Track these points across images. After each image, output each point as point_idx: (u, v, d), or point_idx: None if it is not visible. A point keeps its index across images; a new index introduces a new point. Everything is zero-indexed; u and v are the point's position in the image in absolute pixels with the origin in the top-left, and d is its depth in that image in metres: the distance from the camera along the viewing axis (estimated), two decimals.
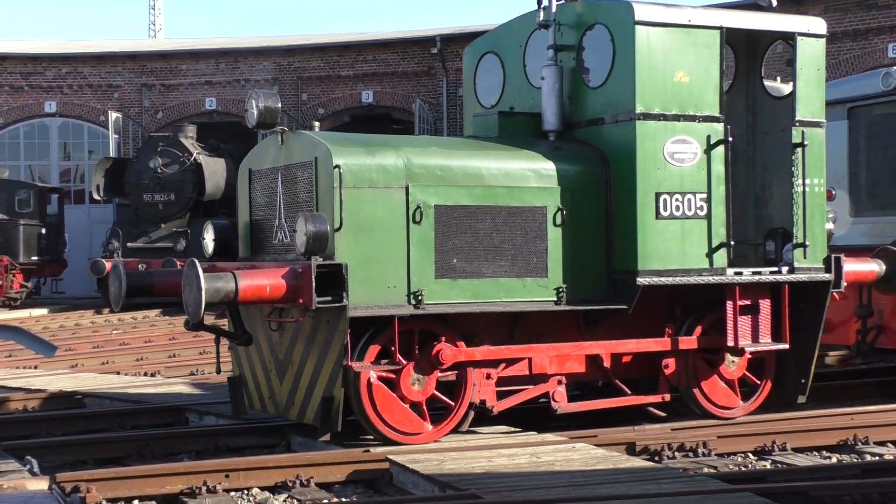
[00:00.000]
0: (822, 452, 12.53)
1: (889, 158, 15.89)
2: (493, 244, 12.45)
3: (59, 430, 13.98)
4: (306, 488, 10.77)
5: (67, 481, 10.03)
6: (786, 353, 13.90)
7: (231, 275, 11.45)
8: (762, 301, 13.54)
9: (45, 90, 50.19)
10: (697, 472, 11.19)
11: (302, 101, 50.74)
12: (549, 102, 13.48)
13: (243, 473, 10.81)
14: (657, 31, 12.87)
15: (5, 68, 50.07)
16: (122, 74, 50.59)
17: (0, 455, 11.45)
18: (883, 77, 15.85)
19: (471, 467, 10.60)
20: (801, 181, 13.54)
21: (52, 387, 16.76)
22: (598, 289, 13.00)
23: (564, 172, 12.84)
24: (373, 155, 12.10)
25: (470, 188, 12.40)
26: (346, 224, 11.77)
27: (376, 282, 11.92)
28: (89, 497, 9.71)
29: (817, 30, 13.75)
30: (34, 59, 50.55)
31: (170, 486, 10.51)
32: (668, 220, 12.89)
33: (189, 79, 50.67)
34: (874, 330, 15.61)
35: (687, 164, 12.99)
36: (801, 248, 13.56)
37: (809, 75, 13.67)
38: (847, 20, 38.06)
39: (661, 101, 12.87)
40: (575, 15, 13.52)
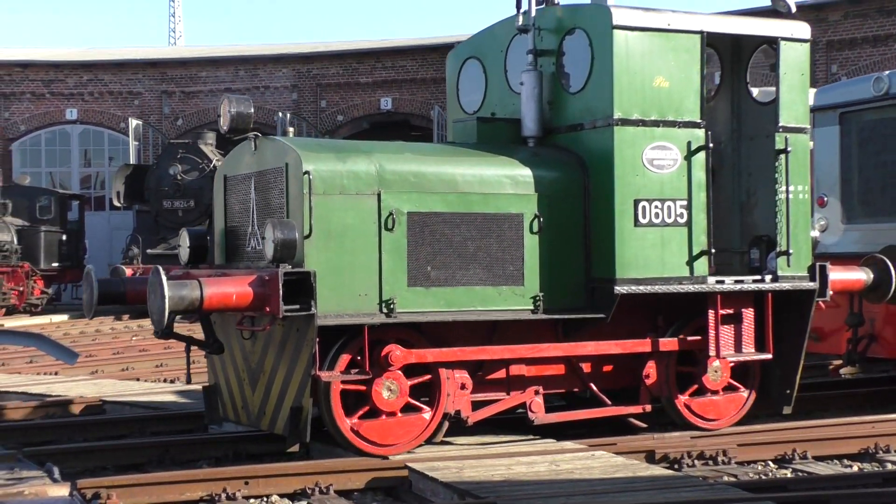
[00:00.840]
0: (843, 461, 12.29)
1: (881, 164, 15.46)
2: (468, 252, 12.09)
3: (79, 436, 13.86)
4: (325, 495, 10.69)
5: (88, 487, 10.10)
6: (771, 363, 13.46)
7: (196, 282, 11.14)
8: (745, 310, 13.13)
9: (66, 97, 50.12)
10: (717, 480, 10.96)
11: (321, 108, 50.57)
12: (528, 108, 13.11)
13: (263, 480, 10.75)
14: (636, 36, 12.50)
15: (27, 76, 50.01)
16: (142, 82, 50.49)
17: (21, 461, 11.35)
18: (874, 82, 15.42)
19: (490, 475, 10.46)
20: (784, 188, 13.14)
21: (72, 393, 16.65)
22: (576, 297, 12.62)
23: (541, 179, 12.47)
24: (344, 161, 11.77)
25: (444, 195, 12.05)
26: (315, 231, 11.44)
27: (347, 290, 11.59)
28: (109, 503, 9.94)
29: (801, 34, 13.34)
30: (56, 66, 50.50)
31: (189, 493, 10.46)
32: (647, 227, 12.51)
33: (209, 86, 50.53)
34: (865, 339, 15.18)
35: (666, 170, 12.60)
36: (784, 257, 13.13)
37: (793, 80, 13.25)
38: (867, 26, 37.76)
39: (640, 107, 12.49)
40: (555, 19, 13.15)
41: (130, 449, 12.69)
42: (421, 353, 11.78)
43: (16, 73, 49.89)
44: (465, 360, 12.10)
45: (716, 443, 12.21)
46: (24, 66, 50.30)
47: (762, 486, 10.58)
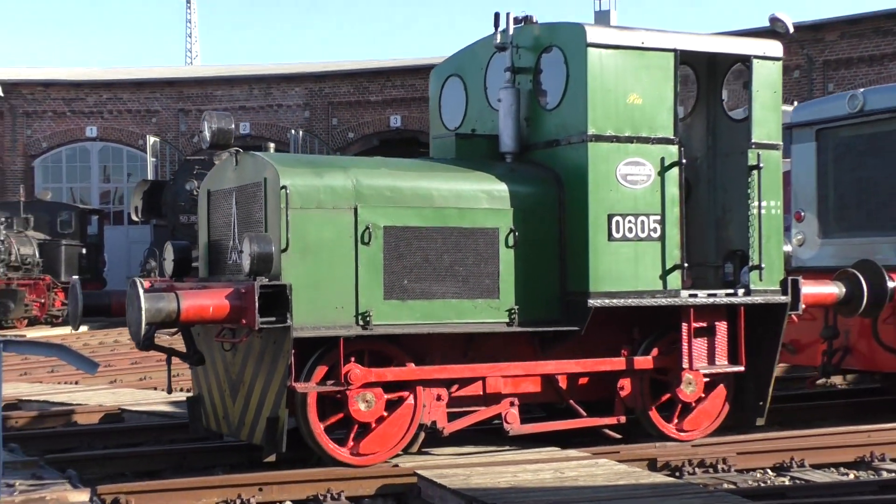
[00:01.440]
0: (840, 469, 12.12)
1: (855, 180, 15.19)
2: (444, 265, 11.85)
3: (99, 443, 13.78)
4: (337, 501, 10.62)
5: (107, 493, 10.07)
6: (745, 375, 13.18)
7: (174, 295, 10.93)
8: (718, 323, 12.86)
9: (86, 115, 50.04)
10: (717, 487, 10.88)
11: (332, 126, 50.45)
12: (505, 124, 12.89)
13: (276, 487, 10.66)
14: (610, 54, 12.25)
15: (49, 95, 49.95)
16: (159, 100, 50.41)
17: (43, 467, 11.26)
18: (849, 99, 15.16)
19: (496, 482, 10.37)
20: (757, 203, 12.87)
21: (92, 402, 16.64)
22: (551, 310, 12.36)
23: (517, 194, 12.21)
24: (321, 176, 11.55)
25: (420, 209, 11.81)
26: (292, 245, 11.21)
27: (323, 302, 11.36)
28: None
29: (773, 53, 13.09)
30: (76, 85, 50.43)
31: (205, 499, 10.40)
32: (621, 241, 12.25)
33: (224, 104, 50.37)
34: (840, 351, 14.89)
35: (640, 185, 12.35)
36: (757, 271, 12.87)
37: (765, 98, 13.00)
38: (863, 45, 37.64)
39: (614, 123, 12.24)
40: (532, 37, 12.92)
41: (148, 456, 12.66)
42: (380, 372, 11.55)
43: (38, 92, 49.86)
44: (428, 378, 11.85)
45: (716, 451, 12.09)
46: (46, 86, 50.24)
47: (761, 493, 10.49)
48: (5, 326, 37.68)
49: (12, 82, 49.41)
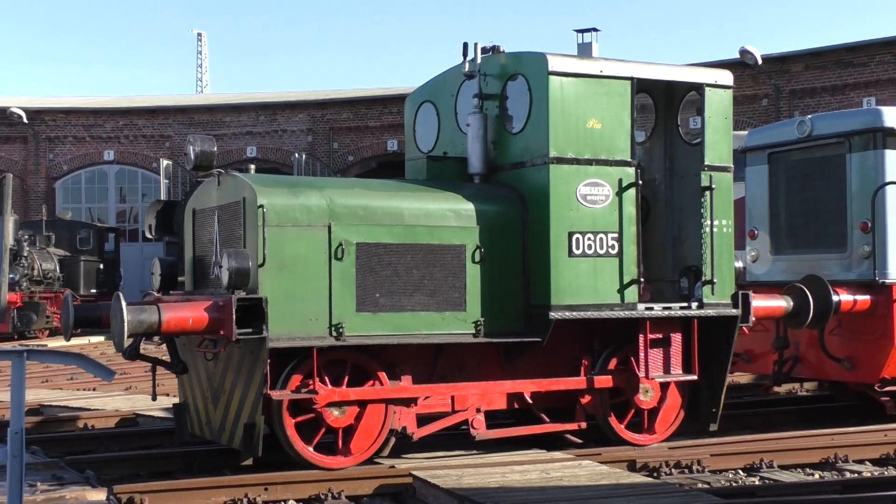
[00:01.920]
0: (806, 469, 12.03)
1: (804, 200, 14.99)
2: (413, 280, 11.63)
3: (115, 446, 13.67)
4: (337, 500, 10.55)
5: (123, 493, 10.05)
6: (699, 384, 12.96)
7: (156, 308, 10.73)
8: (674, 334, 12.67)
9: (104, 140, 49.83)
10: (692, 487, 10.78)
11: (333, 150, 50.18)
12: (473, 148, 12.68)
13: (281, 486, 10.63)
14: (570, 81, 12.05)
15: (69, 121, 49.75)
16: (172, 126, 50.17)
17: (63, 468, 11.14)
18: (798, 125, 14.97)
19: (486, 482, 10.31)
20: (709, 222, 12.67)
21: (109, 407, 16.49)
22: (515, 322, 12.13)
23: (483, 213, 12.00)
24: (297, 195, 11.33)
25: (391, 227, 11.59)
26: (269, 260, 11.01)
27: (298, 315, 11.14)
28: None
29: (724, 81, 12.90)
30: (95, 112, 50.22)
31: (214, 498, 10.34)
32: (581, 257, 12.04)
33: (232, 129, 50.17)
34: (790, 361, 14.67)
35: (599, 205, 12.14)
36: (709, 285, 12.65)
37: (717, 123, 12.80)
38: (826, 76, 37.55)
39: (574, 147, 12.03)
40: (499, 66, 12.72)
41: (161, 457, 12.50)
42: (344, 392, 11.35)
43: (60, 118, 49.66)
44: (387, 398, 11.63)
45: (691, 453, 12.02)
46: (67, 113, 50.04)
47: (733, 492, 10.39)
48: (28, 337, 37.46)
49: (36, 110, 49.20)
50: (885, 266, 13.90)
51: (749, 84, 38.85)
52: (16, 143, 49.58)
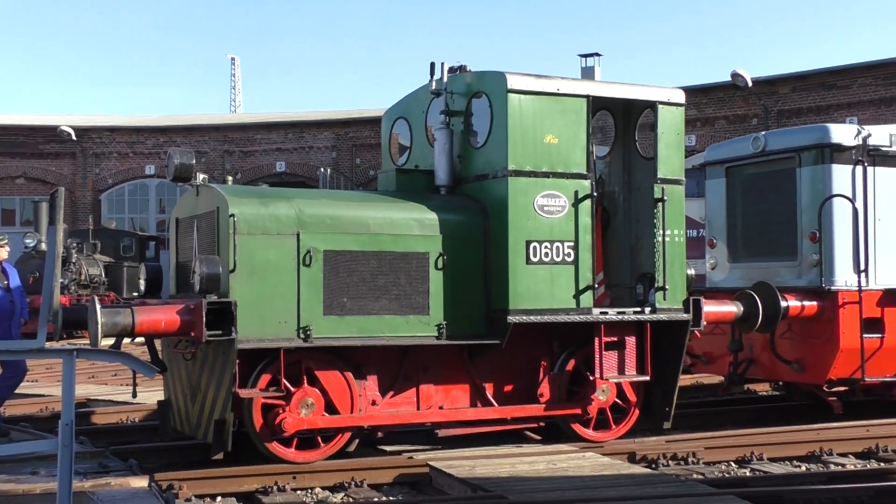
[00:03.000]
0: (794, 462, 11.79)
1: (758, 212, 14.46)
2: (379, 285, 11.18)
3: (156, 437, 13.20)
4: (360, 488, 10.36)
5: (163, 480, 9.96)
6: (654, 384, 12.45)
7: (130, 310, 10.31)
8: (628, 338, 12.16)
9: (145, 156, 49.52)
10: (688, 477, 10.54)
11: (356, 165, 49.72)
12: (440, 161, 12.22)
13: (308, 475, 10.48)
14: (528, 99, 11.57)
15: (114, 139, 49.48)
16: (208, 143, 49.83)
17: (108, 457, 10.95)
18: (752, 141, 14.45)
19: (497, 472, 10.15)
20: (661, 232, 12.16)
21: (150, 401, 16.08)
22: (477, 325, 11.66)
23: (446, 222, 11.55)
24: (267, 205, 10.91)
25: (357, 235, 11.15)
26: (239, 266, 10.61)
27: (268, 318, 10.72)
28: (181, 493, 9.79)
29: (677, 99, 12.39)
30: (137, 130, 49.94)
31: (247, 485, 10.24)
32: (538, 265, 11.56)
33: (263, 146, 49.78)
34: (744, 363, 14.13)
35: (556, 215, 11.65)
36: (662, 291, 12.14)
37: (670, 139, 12.30)
38: (811, 98, 37.02)
39: (532, 160, 11.56)
40: (464, 84, 12.25)
41: (198, 447, 12.02)
42: (312, 420, 10.94)
43: (105, 136, 49.41)
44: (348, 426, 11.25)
45: (686, 446, 11.74)
46: (112, 131, 49.79)
47: (726, 482, 10.16)
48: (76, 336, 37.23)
49: (83, 128, 48.99)
50: (831, 274, 13.37)
51: (740, 105, 38.35)
52: (65, 158, 49.35)
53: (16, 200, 49.24)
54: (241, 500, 10.18)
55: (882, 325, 13.37)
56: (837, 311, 13.18)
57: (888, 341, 13.37)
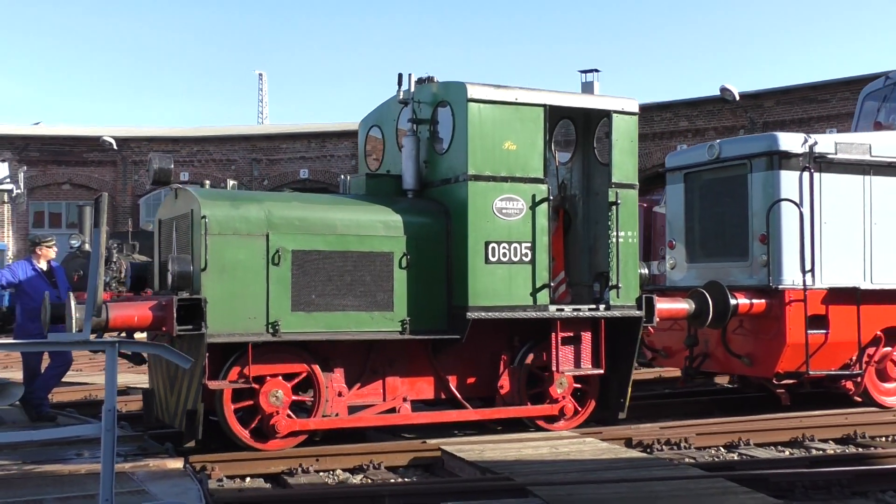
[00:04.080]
0: (778, 447, 11.51)
1: (713, 215, 13.91)
2: (345, 283, 10.72)
3: None
4: (377, 470, 10.15)
5: (197, 462, 9.83)
6: (610, 377, 11.96)
7: (104, 306, 9.85)
8: (584, 333, 11.66)
9: (181, 163, 49.05)
10: (681, 461, 10.28)
11: None
12: (407, 166, 11.75)
13: (330, 458, 10.25)
14: (488, 108, 11.09)
15: (152, 147, 48.98)
16: (237, 151, 49.44)
17: (146, 441, 10.79)
18: (708, 148, 13.90)
19: (504, 455, 9.96)
20: (615, 233, 11.65)
21: None
22: (439, 321, 11.19)
23: (410, 224, 11.08)
24: (238, 208, 10.46)
25: (325, 236, 10.70)
26: (211, 265, 10.18)
27: (238, 313, 10.29)
28: (213, 474, 9.66)
29: (630, 109, 11.87)
30: (174, 140, 49.58)
31: (273, 467, 10.07)
32: (497, 264, 11.07)
33: (288, 155, 49.32)
34: (700, 357, 13.59)
35: (514, 217, 11.16)
36: (615, 290, 11.63)
37: (624, 146, 11.78)
38: (794, 111, 36.41)
39: (491, 166, 11.07)
40: (431, 94, 11.78)
41: None
42: (305, 423, 10.68)
43: (144, 145, 49.05)
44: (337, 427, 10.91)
45: (679, 432, 11.47)
46: (150, 140, 49.46)
47: (715, 466, 9.97)
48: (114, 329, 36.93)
49: (123, 138, 48.69)
50: (779, 273, 12.82)
51: (728, 117, 37.72)
52: (107, 166, 49.06)
53: (62, 205, 48.95)
54: (268, 480, 9.96)
55: (827, 322, 12.82)
56: (784, 308, 12.64)
57: (832, 337, 12.83)
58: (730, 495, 8.01)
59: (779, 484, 8.94)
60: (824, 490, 9.00)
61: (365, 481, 9.85)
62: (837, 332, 12.83)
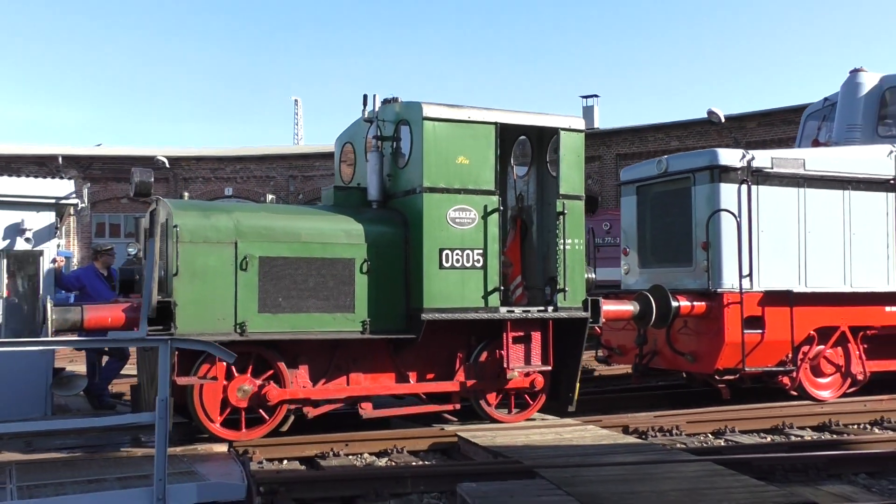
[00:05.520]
0: (760, 434, 11.26)
1: (662, 225, 13.25)
2: (309, 286, 10.15)
3: None
4: (400, 454, 9.98)
5: (240, 446, 9.70)
6: (559, 373, 11.33)
7: (80, 308, 9.37)
8: (534, 333, 11.03)
9: (225, 180, 48.74)
10: (673, 446, 10.05)
11: None
12: (371, 180, 11.16)
13: (358, 443, 10.09)
14: (442, 125, 10.49)
15: (200, 165, 48.77)
16: (275, 169, 49.00)
17: (195, 428, 10.29)
18: (657, 163, 13.25)
19: (514, 441, 9.74)
20: (562, 241, 11.01)
21: None
22: (398, 322, 10.59)
23: (370, 232, 10.49)
24: (208, 217, 9.91)
25: (290, 243, 10.13)
26: (182, 270, 9.63)
27: (208, 315, 9.75)
28: (254, 457, 9.55)
29: (577, 126, 11.25)
30: (219, 159, 49.21)
31: (308, 451, 9.88)
32: (450, 269, 10.47)
33: (321, 171, 48.77)
34: (649, 355, 12.91)
35: (467, 226, 10.55)
36: (562, 293, 10.99)
37: (571, 160, 11.15)
38: (774, 131, 35.58)
39: (445, 179, 10.48)
40: (394, 113, 11.20)
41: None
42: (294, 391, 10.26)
43: (192, 164, 48.74)
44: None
45: (671, 420, 11.25)
46: (198, 160, 49.11)
47: (704, 450, 9.74)
48: None
49: (174, 157, 48.41)
50: (718, 278, 12.14)
51: (714, 137, 36.82)
52: (160, 182, 48.51)
53: (120, 217, 48.64)
54: (302, 463, 9.70)
55: (763, 322, 12.13)
56: (723, 310, 11.95)
57: (768, 336, 12.13)
58: (717, 477, 7.82)
59: (761, 467, 8.71)
60: (802, 473, 8.79)
61: (389, 464, 9.62)
62: (773, 331, 12.14)
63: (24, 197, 11.88)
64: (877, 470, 8.87)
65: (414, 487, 8.23)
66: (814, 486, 8.37)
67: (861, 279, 12.83)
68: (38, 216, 12.05)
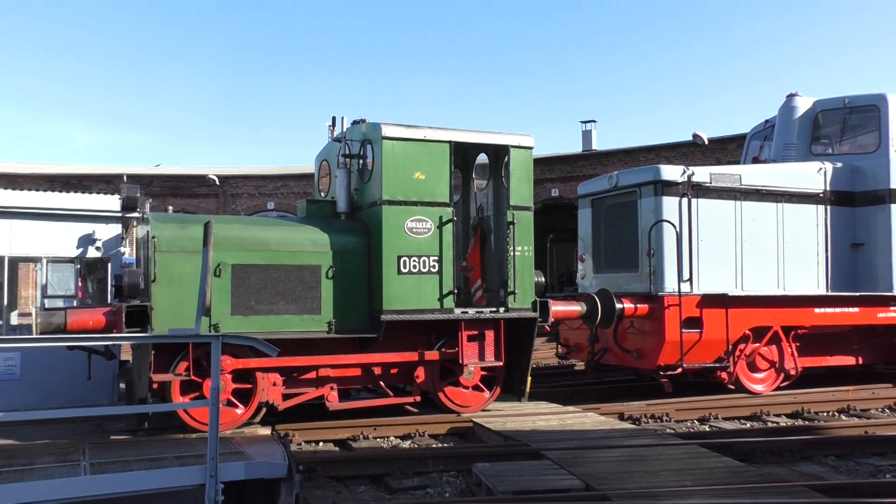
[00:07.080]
0: (741, 420, 11.02)
1: (613, 234, 12.60)
2: (278, 291, 9.61)
3: None
4: (422, 438, 9.78)
5: (281, 429, 9.58)
6: (512, 368, 10.70)
7: (63, 311, 8.86)
8: (487, 331, 10.43)
9: (267, 195, 48.31)
10: (663, 431, 9.97)
11: None
12: (340, 194, 10.64)
13: (384, 427, 9.90)
14: (400, 144, 9.92)
15: (245, 183, 48.38)
16: (312, 185, 48.53)
17: None
18: (608, 179, 12.59)
19: (523, 426, 9.58)
20: (512, 248, 10.40)
21: None
22: (362, 323, 10.03)
23: (336, 241, 9.95)
24: (184, 229, 9.39)
25: (260, 252, 9.60)
26: (159, 277, 9.12)
27: (184, 318, 9.20)
28: (294, 439, 9.39)
29: (526, 144, 10.65)
30: (262, 177, 48.80)
31: (340, 434, 9.73)
32: (408, 275, 9.89)
33: None
34: (600, 352, 12.25)
35: (423, 235, 9.97)
36: (512, 295, 10.37)
37: (520, 174, 10.55)
38: None
39: (403, 192, 9.90)
40: (360, 133, 10.65)
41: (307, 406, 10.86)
42: (247, 361, 9.62)
43: (239, 181, 48.38)
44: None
45: (662, 408, 11.06)
46: (245, 178, 48.73)
47: (691, 435, 9.60)
48: None
49: (224, 175, 48.12)
50: (660, 282, 11.48)
51: (699, 158, 35.90)
52: (210, 198, 48.42)
53: None
54: (336, 445, 9.52)
55: (701, 323, 11.43)
56: (664, 311, 11.29)
57: (706, 335, 11.45)
58: (702, 458, 7.70)
59: (741, 449, 8.57)
60: (778, 455, 8.64)
61: (412, 446, 9.40)
62: (710, 331, 11.45)
63: (94, 211, 11.56)
64: (844, 452, 8.72)
65: (434, 467, 8.16)
66: (788, 467, 8.17)
67: (793, 283, 12.13)
68: (106, 228, 11.71)
